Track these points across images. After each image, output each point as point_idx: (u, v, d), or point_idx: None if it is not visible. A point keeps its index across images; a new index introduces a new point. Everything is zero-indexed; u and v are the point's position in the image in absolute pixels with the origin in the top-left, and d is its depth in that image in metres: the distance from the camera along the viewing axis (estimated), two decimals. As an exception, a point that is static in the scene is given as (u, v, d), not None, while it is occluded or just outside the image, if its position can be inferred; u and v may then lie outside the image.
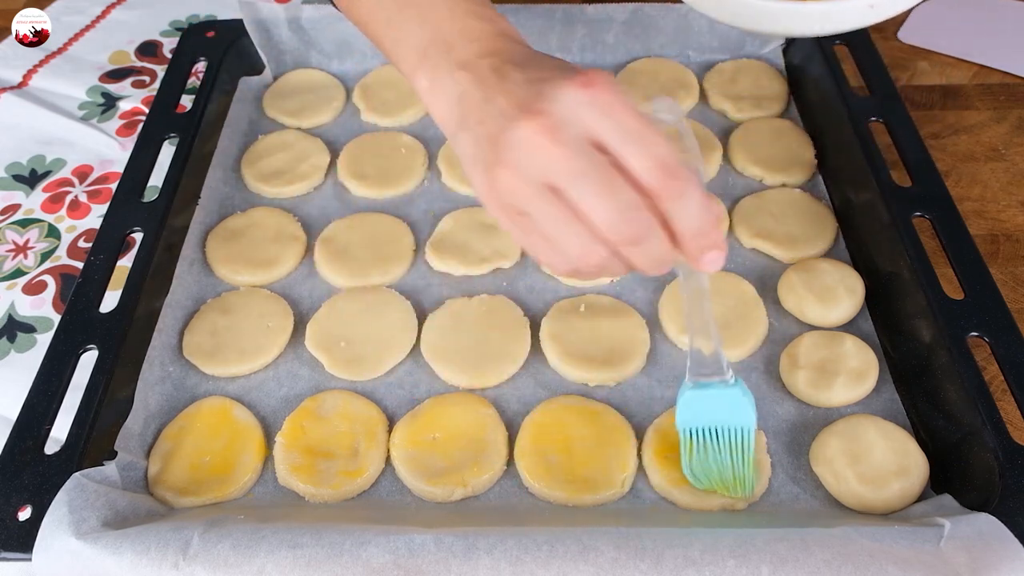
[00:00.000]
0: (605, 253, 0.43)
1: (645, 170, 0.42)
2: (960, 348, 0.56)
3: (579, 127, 0.42)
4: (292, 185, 0.75)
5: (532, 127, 0.42)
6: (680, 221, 0.43)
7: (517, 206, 0.44)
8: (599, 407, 0.59)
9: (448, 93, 0.48)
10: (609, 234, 0.42)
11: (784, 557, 0.45)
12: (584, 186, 0.41)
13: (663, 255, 0.44)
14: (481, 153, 0.45)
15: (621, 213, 0.42)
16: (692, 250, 0.44)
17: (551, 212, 0.42)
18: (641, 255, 0.43)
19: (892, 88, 0.75)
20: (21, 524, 0.49)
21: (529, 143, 0.42)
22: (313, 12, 0.85)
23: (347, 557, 0.46)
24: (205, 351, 0.63)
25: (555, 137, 0.41)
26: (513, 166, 0.43)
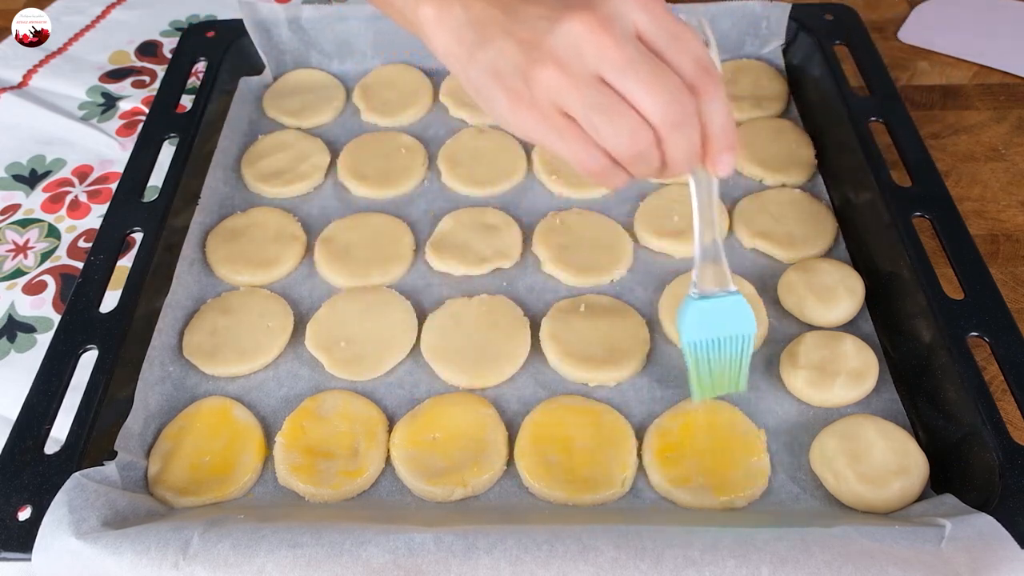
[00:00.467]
0: (649, 137, 0.46)
1: (685, 65, 0.46)
2: (960, 348, 0.56)
3: (627, 23, 0.45)
4: (292, 185, 0.75)
5: (583, 20, 0.44)
6: (711, 116, 0.47)
7: (559, 102, 0.46)
8: (599, 407, 0.59)
9: (458, 19, 0.49)
10: (657, 116, 0.45)
11: (784, 557, 0.45)
12: (636, 73, 0.44)
13: (696, 145, 0.47)
14: (510, 62, 0.47)
15: (670, 95, 0.45)
16: (715, 147, 0.47)
17: (601, 100, 0.45)
18: (681, 141, 0.46)
19: (892, 88, 0.75)
20: (21, 524, 0.49)
21: (580, 36, 0.44)
22: (313, 12, 0.85)
23: (347, 557, 0.46)
24: (205, 351, 0.63)
25: (607, 29, 0.44)
26: (559, 62, 0.45)
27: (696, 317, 0.54)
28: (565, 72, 0.45)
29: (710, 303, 0.54)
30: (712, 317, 0.54)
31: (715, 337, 0.54)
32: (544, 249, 0.69)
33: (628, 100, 0.45)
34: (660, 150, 0.47)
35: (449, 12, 0.49)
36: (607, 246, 0.69)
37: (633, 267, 0.69)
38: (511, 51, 0.47)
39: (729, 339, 0.54)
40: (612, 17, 0.45)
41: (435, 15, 0.50)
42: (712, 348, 0.55)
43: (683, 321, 0.55)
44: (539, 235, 0.70)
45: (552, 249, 0.69)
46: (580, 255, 0.68)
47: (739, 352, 0.55)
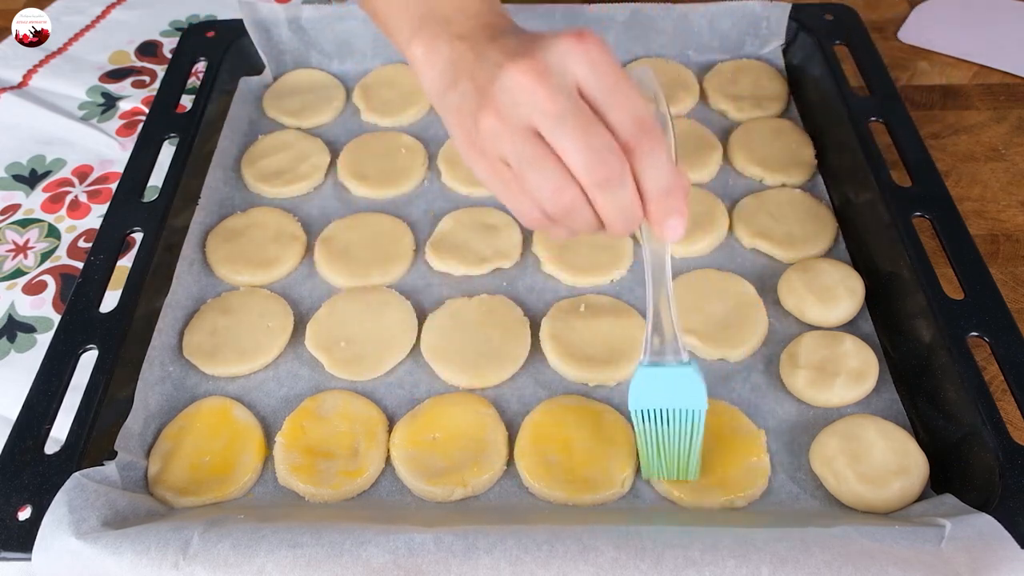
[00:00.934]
0: (575, 194, 0.45)
1: (621, 122, 0.44)
2: (960, 348, 0.56)
3: (566, 75, 0.44)
4: (292, 185, 0.75)
5: (521, 70, 0.44)
6: (648, 178, 0.45)
7: (498, 150, 0.46)
8: (599, 407, 0.59)
9: (443, 59, 0.50)
10: (581, 173, 0.44)
11: (784, 557, 0.45)
12: (564, 127, 0.44)
13: (630, 207, 0.46)
14: (467, 104, 0.47)
15: (595, 153, 0.44)
16: (657, 211, 0.46)
17: (529, 152, 0.45)
18: (609, 202, 0.45)
19: (892, 88, 0.75)
20: (21, 524, 0.49)
21: (517, 85, 0.44)
22: (313, 12, 0.85)
23: (347, 557, 0.46)
24: (205, 351, 0.63)
25: (542, 80, 0.44)
26: (498, 110, 0.45)
27: (643, 384, 0.51)
28: (503, 121, 0.45)
29: (660, 371, 0.51)
30: (661, 386, 0.51)
31: (662, 407, 0.51)
32: (544, 249, 0.69)
33: (558, 155, 0.44)
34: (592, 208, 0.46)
35: (436, 51, 0.50)
36: (607, 246, 0.69)
37: (633, 267, 0.69)
38: (470, 93, 0.47)
39: (679, 413, 0.51)
40: (551, 68, 0.44)
41: (423, 55, 0.51)
42: (660, 421, 0.52)
43: (631, 387, 0.52)
44: (539, 235, 0.70)
45: (552, 249, 0.69)
46: (580, 255, 0.68)
47: (689, 430, 0.51)
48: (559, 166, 0.45)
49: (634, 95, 0.45)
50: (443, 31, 0.51)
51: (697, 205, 0.72)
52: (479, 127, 0.46)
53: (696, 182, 0.75)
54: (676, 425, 0.52)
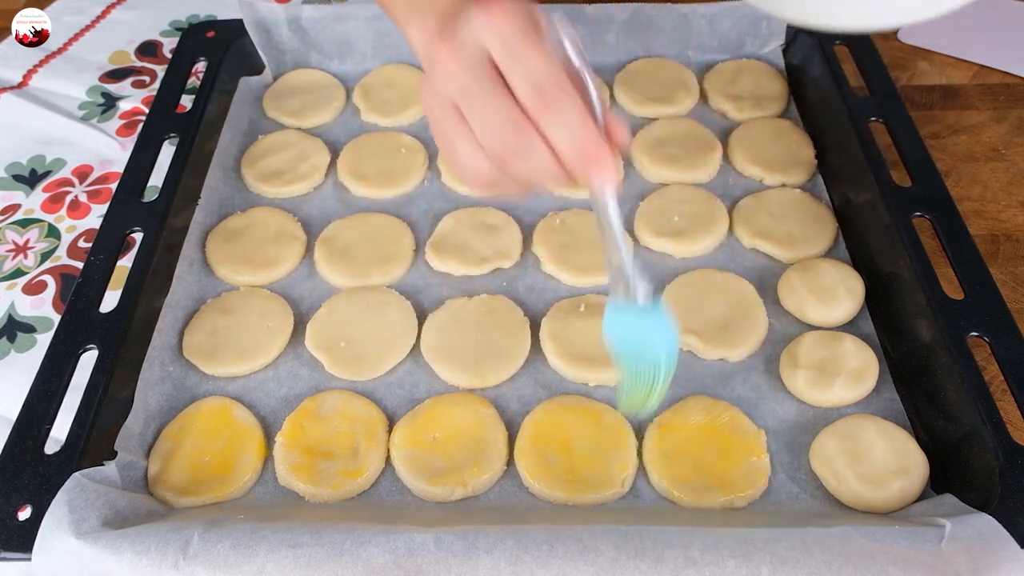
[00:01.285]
0: (486, 165, 0.47)
1: (522, 88, 0.45)
2: (960, 348, 0.56)
3: (476, 48, 0.46)
4: (292, 185, 0.75)
5: (441, 49, 0.47)
6: (557, 140, 0.46)
7: (432, 119, 0.49)
8: (599, 407, 0.59)
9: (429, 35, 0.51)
10: (487, 147, 0.46)
11: (784, 557, 0.45)
12: (471, 102, 0.46)
13: (546, 168, 0.46)
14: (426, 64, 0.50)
15: (496, 127, 0.45)
16: (574, 168, 0.47)
17: (447, 126, 0.47)
18: (524, 167, 0.47)
19: (892, 88, 0.75)
20: (21, 524, 0.49)
21: (439, 63, 0.47)
22: (313, 12, 0.85)
23: (347, 557, 0.46)
24: (205, 351, 0.63)
25: (455, 58, 0.46)
26: (429, 84, 0.48)
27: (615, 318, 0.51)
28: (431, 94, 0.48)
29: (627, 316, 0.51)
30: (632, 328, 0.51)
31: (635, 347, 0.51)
32: (544, 249, 0.69)
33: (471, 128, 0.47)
34: None
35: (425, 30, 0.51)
36: (607, 246, 0.69)
37: (633, 267, 0.69)
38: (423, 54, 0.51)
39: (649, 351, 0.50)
40: (464, 45, 0.46)
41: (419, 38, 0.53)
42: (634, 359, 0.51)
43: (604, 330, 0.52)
44: (539, 235, 0.70)
45: (552, 249, 0.69)
46: (580, 255, 0.68)
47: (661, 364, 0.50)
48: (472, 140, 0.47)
49: (536, 58, 0.45)
50: (429, 10, 0.52)
51: (697, 205, 0.72)
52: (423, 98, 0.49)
53: (696, 182, 0.75)
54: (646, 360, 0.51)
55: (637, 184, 0.75)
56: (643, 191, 0.74)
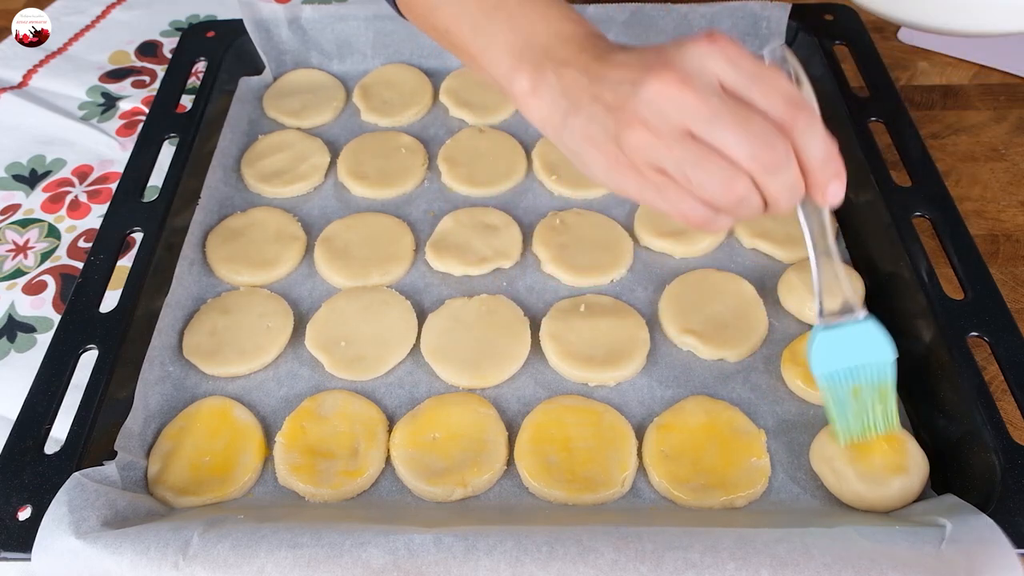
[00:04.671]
0: (746, 183, 0.46)
1: (772, 105, 0.45)
2: (960, 348, 0.56)
3: (707, 75, 0.45)
4: (292, 185, 0.75)
5: (664, 80, 0.45)
6: (808, 149, 0.46)
7: (652, 161, 0.47)
8: (599, 407, 0.59)
9: (552, 90, 0.50)
10: (749, 163, 0.45)
11: (784, 560, 0.45)
12: (722, 124, 0.45)
13: (796, 183, 0.47)
14: (600, 126, 0.48)
15: (758, 140, 0.45)
16: (819, 179, 0.47)
17: (691, 154, 0.45)
18: (777, 183, 0.46)
19: (892, 88, 0.75)
20: (21, 524, 0.49)
21: (663, 95, 0.45)
22: (313, 12, 0.85)
23: (347, 558, 0.46)
24: (205, 351, 0.63)
25: (688, 85, 0.45)
26: (645, 122, 0.46)
27: (824, 347, 0.52)
28: (652, 132, 0.46)
29: (839, 331, 0.52)
30: (843, 346, 0.52)
31: (849, 367, 0.52)
32: (544, 249, 0.69)
33: (719, 150, 0.45)
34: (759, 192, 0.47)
35: (544, 83, 0.50)
36: (607, 246, 0.69)
37: (633, 267, 0.69)
38: (600, 116, 0.48)
39: (865, 368, 0.52)
40: (692, 72, 0.45)
41: (530, 87, 0.51)
42: (848, 380, 0.52)
43: (811, 353, 0.52)
44: (539, 235, 0.70)
45: (552, 249, 0.69)
46: (580, 255, 0.68)
47: (879, 382, 0.52)
48: (723, 161, 0.45)
49: (776, 77, 0.46)
50: (546, 60, 0.51)
51: (697, 205, 0.72)
52: (624, 143, 0.47)
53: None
54: (864, 380, 0.52)
55: (637, 184, 0.75)
56: (643, 191, 0.74)
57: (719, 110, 0.45)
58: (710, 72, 0.45)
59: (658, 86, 0.45)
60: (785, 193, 0.47)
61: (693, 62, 0.45)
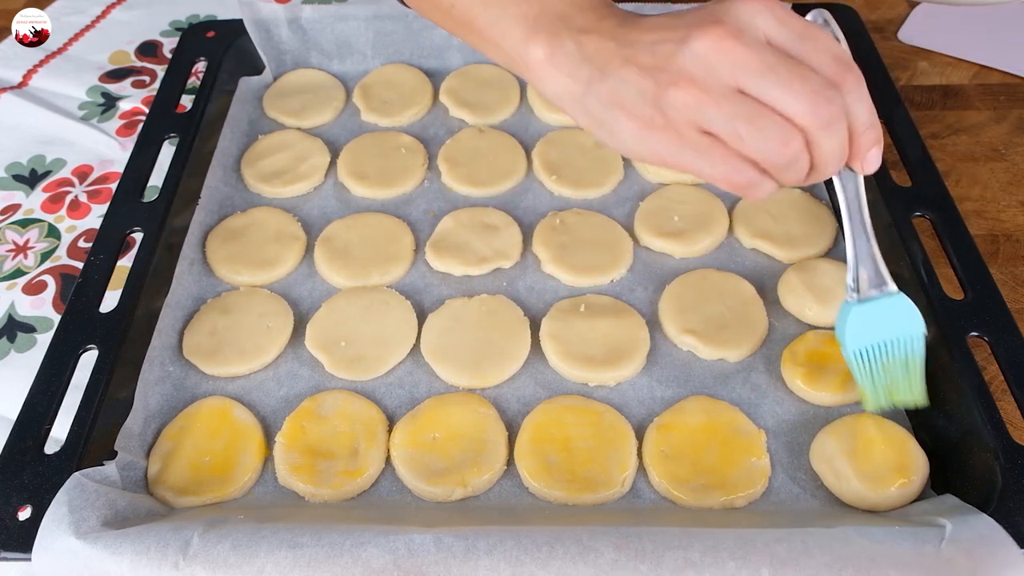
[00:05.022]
0: (800, 141, 0.45)
1: (822, 63, 0.45)
2: (960, 348, 0.56)
3: (757, 32, 0.45)
4: (292, 185, 0.75)
5: (714, 35, 0.44)
6: (856, 112, 0.46)
7: (699, 120, 0.45)
8: (599, 407, 0.59)
9: (571, 57, 0.48)
10: (806, 118, 0.44)
11: (784, 560, 0.45)
12: (777, 77, 0.44)
13: (845, 144, 0.46)
14: (634, 88, 0.46)
15: (817, 95, 0.44)
16: (862, 143, 0.47)
17: (743, 111, 0.44)
18: (831, 141, 0.45)
19: (892, 88, 0.75)
20: (21, 524, 0.49)
21: (712, 50, 0.44)
22: (313, 12, 0.85)
23: (347, 558, 0.46)
24: (205, 351, 0.63)
25: (738, 39, 0.44)
26: (693, 79, 0.45)
27: (858, 322, 0.53)
28: (702, 89, 0.44)
29: (871, 306, 0.53)
30: (875, 321, 0.52)
31: (880, 341, 0.52)
32: (544, 249, 0.69)
33: (772, 106, 0.44)
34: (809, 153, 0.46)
35: (561, 50, 0.49)
36: (607, 246, 0.69)
37: (633, 267, 0.69)
38: (634, 79, 0.46)
39: (896, 342, 0.52)
40: (741, 27, 0.44)
41: (547, 55, 0.49)
42: (879, 353, 0.53)
43: (844, 328, 0.53)
44: (539, 235, 0.70)
45: (552, 249, 0.69)
46: (580, 255, 0.68)
47: (909, 355, 0.53)
48: (779, 118, 0.44)
49: (825, 37, 0.46)
50: (563, 28, 0.49)
51: (697, 205, 0.72)
52: (667, 103, 0.45)
53: (696, 182, 0.74)
54: (895, 352, 0.53)
55: (637, 184, 0.75)
56: (643, 191, 0.74)
57: (773, 63, 0.44)
58: (758, 28, 0.45)
59: (708, 41, 0.44)
60: (836, 154, 0.46)
61: (742, 18, 0.45)
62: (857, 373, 0.54)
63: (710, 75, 0.44)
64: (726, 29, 0.44)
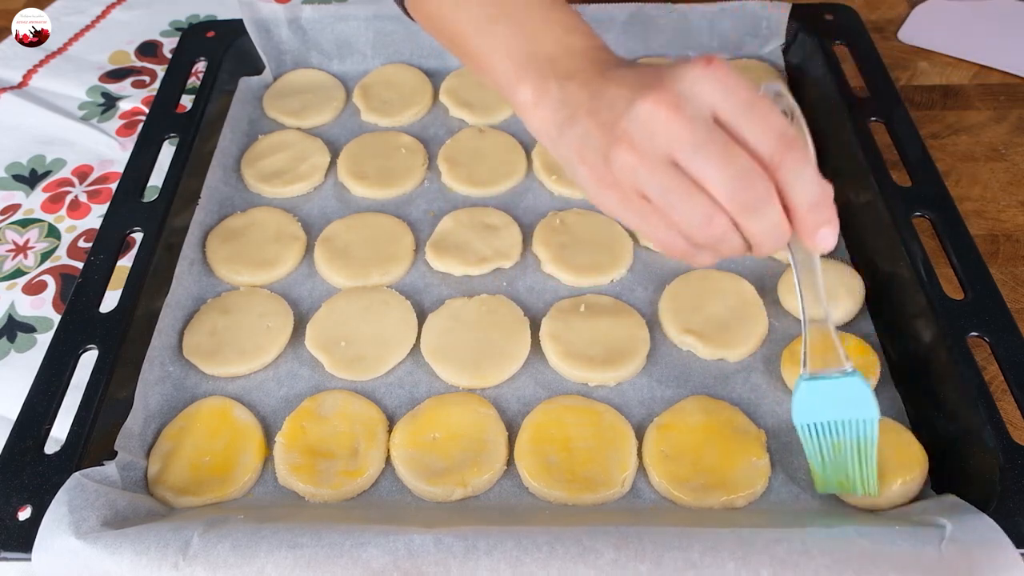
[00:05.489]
0: (724, 222, 0.44)
1: (762, 141, 0.43)
2: (960, 348, 0.56)
3: (699, 102, 0.44)
4: (292, 185, 0.75)
5: (654, 101, 0.44)
6: (795, 192, 0.44)
7: (635, 184, 0.45)
8: (599, 407, 0.59)
9: (553, 100, 0.49)
10: (727, 201, 0.44)
11: (784, 560, 0.45)
12: (704, 156, 0.43)
13: (779, 226, 0.45)
14: (593, 142, 0.47)
15: (739, 178, 0.43)
16: (807, 224, 0.45)
17: (672, 183, 0.44)
18: (758, 224, 0.45)
19: (892, 88, 0.75)
20: (21, 524, 0.49)
21: (651, 117, 0.44)
22: (313, 12, 0.85)
23: (347, 558, 0.46)
24: (205, 351, 0.63)
25: (677, 110, 0.43)
26: (633, 143, 0.45)
27: (807, 398, 0.51)
28: (639, 153, 0.45)
29: (822, 384, 0.51)
30: (826, 398, 0.51)
31: (830, 421, 0.51)
32: (544, 249, 0.69)
33: (700, 184, 0.44)
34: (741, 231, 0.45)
35: (546, 93, 0.50)
36: (607, 246, 0.69)
37: (633, 267, 0.69)
38: (594, 132, 0.47)
39: (847, 424, 0.51)
40: (684, 98, 0.43)
41: (533, 99, 0.50)
42: (828, 433, 0.51)
43: (794, 403, 0.52)
44: (539, 235, 0.70)
45: (552, 249, 0.69)
46: (580, 255, 0.68)
47: (860, 439, 0.51)
48: (704, 196, 0.44)
49: (771, 112, 0.44)
50: (550, 71, 0.50)
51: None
52: (612, 162, 0.46)
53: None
54: (846, 436, 0.51)
55: (637, 184, 0.75)
56: (643, 191, 0.74)
57: (703, 141, 0.43)
58: (703, 99, 0.44)
59: (648, 107, 0.44)
60: (767, 236, 0.45)
61: (686, 86, 0.44)
62: (807, 449, 0.53)
63: (647, 141, 0.44)
64: (669, 97, 0.44)
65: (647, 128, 0.44)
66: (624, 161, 0.45)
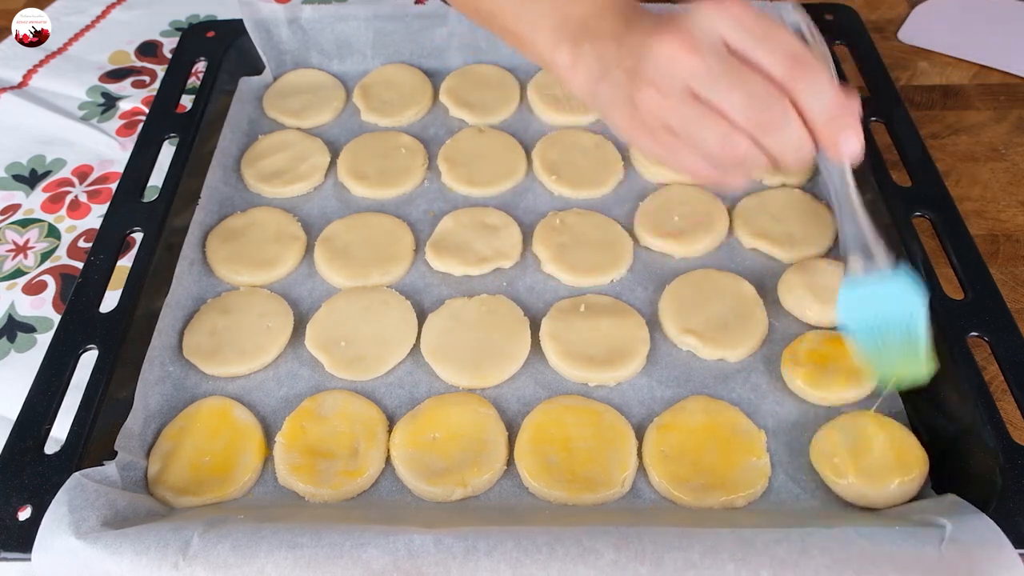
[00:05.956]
0: (745, 143, 0.47)
1: (775, 64, 0.46)
2: (960, 348, 0.56)
3: (712, 36, 0.47)
4: (292, 185, 0.75)
5: (669, 42, 0.47)
6: (811, 107, 0.47)
7: (661, 119, 0.49)
8: (599, 407, 0.59)
9: (587, 61, 0.54)
10: (745, 123, 0.47)
11: (784, 561, 0.45)
12: (719, 84, 0.46)
13: (798, 140, 0.48)
14: (621, 89, 0.51)
15: (754, 101, 0.46)
16: (826, 135, 0.48)
17: (692, 113, 0.48)
18: (777, 142, 0.47)
19: (892, 88, 0.75)
20: (21, 524, 0.49)
21: (667, 56, 0.47)
22: (313, 12, 0.85)
23: (347, 558, 0.46)
24: (205, 351, 0.63)
25: (690, 47, 0.47)
26: (654, 82, 0.48)
27: (852, 302, 0.54)
28: (660, 91, 0.48)
29: (865, 286, 0.53)
30: (870, 300, 0.53)
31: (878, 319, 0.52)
32: (544, 249, 0.69)
33: (719, 111, 0.47)
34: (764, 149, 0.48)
35: (580, 56, 0.54)
36: (607, 246, 0.69)
37: (633, 267, 0.69)
38: (621, 80, 0.51)
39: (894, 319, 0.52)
40: (696, 33, 0.47)
41: (571, 62, 0.55)
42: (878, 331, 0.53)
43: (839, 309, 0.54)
44: (539, 235, 0.70)
45: (552, 249, 0.69)
46: (580, 255, 0.68)
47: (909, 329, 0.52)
48: (722, 120, 0.47)
49: (781, 34, 0.47)
50: (583, 33, 0.54)
51: (697, 205, 0.72)
52: (637, 104, 0.50)
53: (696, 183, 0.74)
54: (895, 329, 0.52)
55: (637, 184, 0.75)
56: (643, 191, 0.74)
57: (717, 71, 0.46)
58: (715, 32, 0.47)
59: (663, 48, 0.47)
60: (789, 151, 0.48)
61: (699, 24, 0.47)
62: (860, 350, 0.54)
63: (666, 80, 0.48)
64: (680, 36, 0.47)
65: (664, 67, 0.47)
66: (648, 100, 0.49)
